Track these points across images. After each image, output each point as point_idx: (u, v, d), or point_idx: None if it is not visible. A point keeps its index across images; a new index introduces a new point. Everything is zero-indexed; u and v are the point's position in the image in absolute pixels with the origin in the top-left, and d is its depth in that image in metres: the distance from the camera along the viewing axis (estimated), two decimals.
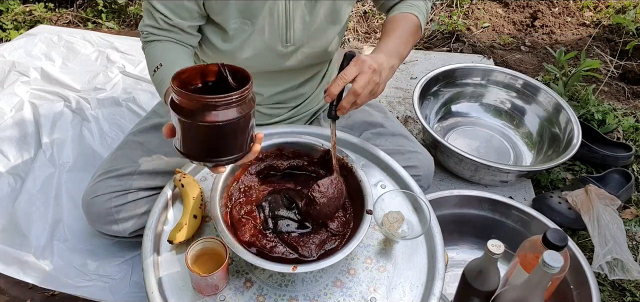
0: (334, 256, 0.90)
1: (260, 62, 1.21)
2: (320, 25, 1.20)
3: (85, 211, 1.28)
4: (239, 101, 0.80)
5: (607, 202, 1.53)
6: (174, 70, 1.08)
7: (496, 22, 2.74)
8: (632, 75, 2.36)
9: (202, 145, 0.82)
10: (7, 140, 1.72)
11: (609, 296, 1.41)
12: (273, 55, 1.21)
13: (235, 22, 1.14)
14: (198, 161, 0.85)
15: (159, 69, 1.11)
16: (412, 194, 1.11)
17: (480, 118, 1.98)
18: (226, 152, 0.83)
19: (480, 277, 1.06)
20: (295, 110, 1.37)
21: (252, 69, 1.21)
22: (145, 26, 1.17)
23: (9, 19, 2.57)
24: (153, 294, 0.92)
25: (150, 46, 1.17)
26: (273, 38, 1.18)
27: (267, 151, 1.10)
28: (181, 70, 0.86)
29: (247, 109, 0.82)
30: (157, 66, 1.11)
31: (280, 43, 1.19)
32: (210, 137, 0.81)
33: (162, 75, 1.09)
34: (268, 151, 1.10)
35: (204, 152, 0.83)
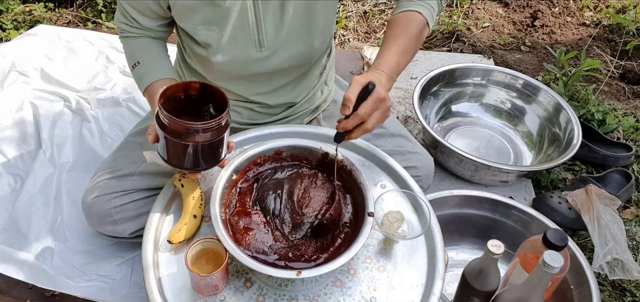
0: (336, 260, 0.90)
1: (238, 67, 1.20)
2: (294, 27, 1.16)
3: (85, 212, 1.28)
4: (217, 126, 0.94)
5: (607, 202, 1.53)
6: (151, 67, 1.18)
7: (496, 22, 2.74)
8: (632, 75, 2.36)
9: (183, 158, 0.98)
10: (7, 140, 1.72)
11: (609, 296, 1.41)
12: (249, 60, 1.19)
13: (201, 28, 1.14)
14: (179, 169, 1.02)
15: (137, 66, 1.19)
16: (412, 194, 1.11)
17: (480, 118, 1.98)
18: (204, 164, 1.00)
19: (480, 277, 1.06)
20: (290, 110, 1.36)
21: (231, 73, 1.21)
22: (120, 22, 1.24)
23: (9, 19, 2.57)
24: (153, 294, 0.92)
25: (126, 42, 1.24)
26: (246, 43, 1.15)
27: (265, 155, 1.10)
28: (167, 87, 0.98)
29: (224, 131, 0.96)
30: (135, 63, 1.20)
31: (253, 48, 1.16)
32: (190, 153, 0.96)
33: (140, 73, 1.19)
34: (266, 154, 1.10)
35: (184, 164, 0.99)
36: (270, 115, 1.34)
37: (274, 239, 0.99)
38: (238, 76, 1.23)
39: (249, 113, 1.33)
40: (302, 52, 1.22)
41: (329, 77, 1.44)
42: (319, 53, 1.28)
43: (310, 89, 1.36)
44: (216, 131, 0.95)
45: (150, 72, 1.17)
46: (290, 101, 1.33)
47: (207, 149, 0.97)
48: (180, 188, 1.08)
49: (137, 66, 1.19)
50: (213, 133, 0.95)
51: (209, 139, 0.94)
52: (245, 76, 1.24)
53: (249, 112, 1.33)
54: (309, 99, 1.37)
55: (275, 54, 1.19)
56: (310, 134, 1.22)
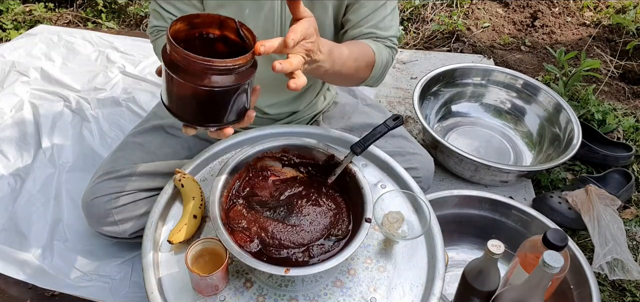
0: (329, 261, 0.90)
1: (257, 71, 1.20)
2: None
3: (85, 212, 1.28)
4: (239, 68, 0.74)
5: (607, 202, 1.53)
6: None
7: (496, 22, 2.74)
8: (632, 75, 2.36)
9: (192, 108, 0.77)
10: (7, 140, 1.73)
11: (609, 296, 1.41)
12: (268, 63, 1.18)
13: None
14: (185, 122, 0.81)
15: None
16: (412, 194, 1.11)
17: (480, 118, 1.98)
18: (217, 118, 0.79)
19: (480, 277, 1.06)
20: (293, 116, 1.38)
21: None
22: (153, 27, 1.20)
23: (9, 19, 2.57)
24: (153, 294, 0.92)
25: (159, 40, 1.19)
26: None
27: (271, 152, 1.10)
28: (179, 17, 0.79)
29: (247, 77, 0.76)
30: None
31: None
32: (203, 101, 0.76)
33: None
34: (272, 152, 1.10)
35: (193, 116, 0.79)
36: (273, 121, 1.35)
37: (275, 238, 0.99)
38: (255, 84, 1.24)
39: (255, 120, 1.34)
40: None
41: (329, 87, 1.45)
42: None
43: (313, 98, 1.38)
44: (242, 74, 0.75)
45: None
46: (293, 110, 1.36)
47: (228, 97, 0.77)
48: (180, 188, 1.08)
49: None
50: (237, 76, 0.75)
51: (228, 84, 0.75)
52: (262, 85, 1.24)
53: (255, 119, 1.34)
54: (311, 105, 1.39)
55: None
56: (315, 135, 1.22)
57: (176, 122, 1.38)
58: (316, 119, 1.44)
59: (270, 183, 1.08)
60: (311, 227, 1.00)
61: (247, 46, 0.82)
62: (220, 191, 0.99)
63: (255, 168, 1.09)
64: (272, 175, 1.10)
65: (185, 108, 0.79)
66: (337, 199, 1.06)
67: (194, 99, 0.76)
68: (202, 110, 0.78)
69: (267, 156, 1.10)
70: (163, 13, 1.17)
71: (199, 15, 0.80)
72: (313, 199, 1.05)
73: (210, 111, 0.78)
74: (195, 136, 1.39)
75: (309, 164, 1.11)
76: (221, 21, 0.83)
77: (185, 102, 0.78)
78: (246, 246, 0.96)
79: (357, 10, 1.17)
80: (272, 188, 1.07)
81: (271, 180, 1.09)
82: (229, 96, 0.78)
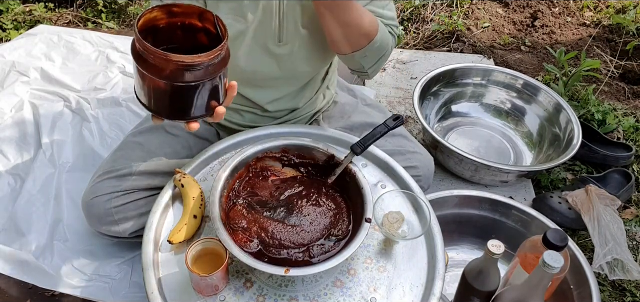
0: (329, 261, 0.90)
1: (255, 63, 1.20)
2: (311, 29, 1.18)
3: (85, 212, 1.28)
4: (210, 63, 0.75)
5: (607, 202, 1.53)
6: None
7: (496, 22, 2.74)
8: (632, 75, 2.36)
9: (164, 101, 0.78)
10: (7, 140, 1.72)
11: (609, 296, 1.41)
12: (267, 56, 1.19)
13: (228, 17, 1.13)
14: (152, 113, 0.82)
15: None
16: (412, 194, 1.11)
17: (480, 118, 1.98)
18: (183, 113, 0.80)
19: (480, 277, 1.06)
20: (293, 113, 1.37)
21: (247, 73, 1.21)
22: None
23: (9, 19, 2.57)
24: (153, 294, 0.92)
25: None
26: (267, 35, 1.16)
27: (271, 152, 1.10)
28: (148, 9, 0.78)
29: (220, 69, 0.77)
30: None
31: (273, 41, 1.17)
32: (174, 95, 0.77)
33: None
34: (272, 152, 1.10)
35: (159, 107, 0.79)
36: (273, 118, 1.35)
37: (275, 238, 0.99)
38: (253, 80, 1.24)
39: (252, 117, 1.34)
40: (313, 58, 1.23)
41: (331, 82, 1.45)
42: (326, 65, 1.31)
43: (312, 95, 1.38)
44: (210, 69, 0.76)
45: None
46: (293, 107, 1.35)
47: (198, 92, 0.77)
48: (180, 188, 1.08)
49: None
50: (205, 71, 0.75)
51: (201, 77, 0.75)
52: (260, 80, 1.25)
53: (252, 115, 1.33)
54: (310, 103, 1.38)
55: (291, 54, 1.19)
56: (315, 135, 1.22)
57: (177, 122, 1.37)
58: (316, 118, 1.44)
59: (270, 183, 1.08)
60: (311, 227, 1.00)
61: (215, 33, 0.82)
62: (220, 191, 1.00)
63: (255, 168, 1.09)
64: (272, 175, 1.10)
65: (152, 100, 0.79)
66: (337, 199, 1.06)
67: (159, 91, 0.77)
68: (167, 103, 0.79)
69: (267, 156, 1.10)
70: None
71: (179, 5, 0.80)
72: (313, 199, 1.05)
73: (176, 105, 0.79)
74: (195, 136, 1.39)
75: (309, 164, 1.11)
76: (201, 13, 0.83)
77: (152, 94, 0.78)
78: (246, 246, 0.96)
79: None
80: (272, 188, 1.07)
81: (271, 180, 1.09)
82: (192, 92, 0.78)
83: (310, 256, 0.96)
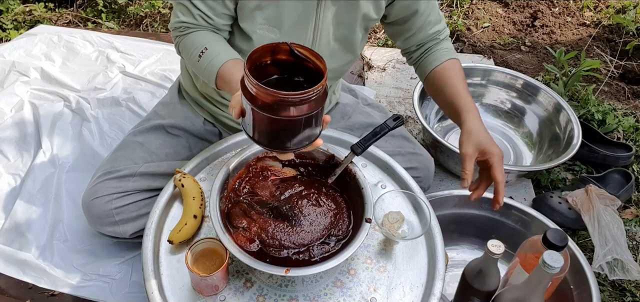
0: (329, 261, 0.90)
1: None
2: (340, 43, 1.22)
3: (85, 212, 1.27)
4: (316, 95, 0.79)
5: (607, 202, 1.53)
6: (221, 49, 1.08)
7: (496, 22, 2.74)
8: (632, 75, 2.36)
9: (274, 135, 0.84)
10: (7, 140, 1.72)
11: (609, 296, 1.41)
12: None
13: (261, 28, 1.14)
14: (266, 147, 0.87)
15: (205, 52, 1.10)
16: (412, 194, 1.11)
17: None
18: (295, 143, 0.85)
19: (480, 277, 1.06)
20: None
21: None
22: (180, 22, 1.15)
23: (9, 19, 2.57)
24: (153, 294, 0.92)
25: (189, 36, 1.15)
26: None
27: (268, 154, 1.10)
28: (253, 51, 0.83)
29: (320, 103, 0.82)
30: (203, 50, 1.10)
31: None
32: (284, 129, 0.82)
33: (210, 56, 1.09)
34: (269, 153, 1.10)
35: (276, 142, 0.85)
36: None
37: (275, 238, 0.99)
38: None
39: None
40: (337, 68, 1.27)
41: (337, 87, 1.46)
42: (346, 71, 1.35)
43: None
44: (314, 103, 0.80)
45: (221, 52, 1.09)
46: None
47: (302, 125, 0.82)
48: (180, 188, 1.08)
49: (205, 52, 1.10)
50: (310, 105, 0.79)
51: (306, 112, 0.79)
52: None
53: None
54: None
55: None
56: None
57: (177, 122, 1.37)
58: None
59: (270, 183, 1.08)
60: (311, 228, 1.00)
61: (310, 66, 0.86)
62: (220, 191, 0.99)
63: (255, 168, 1.09)
64: (272, 175, 1.10)
65: (281, 139, 0.85)
66: (338, 199, 1.06)
67: (289, 128, 0.83)
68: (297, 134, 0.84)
69: (267, 156, 1.10)
70: (193, 10, 1.13)
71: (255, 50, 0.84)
72: (313, 199, 1.05)
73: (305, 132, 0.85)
74: (196, 136, 1.39)
75: (309, 164, 1.11)
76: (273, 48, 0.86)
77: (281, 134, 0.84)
78: (246, 246, 0.96)
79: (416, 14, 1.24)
80: (272, 188, 1.07)
81: (271, 180, 1.09)
82: (305, 123, 0.83)
83: (311, 256, 0.96)
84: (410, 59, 1.35)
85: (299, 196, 1.05)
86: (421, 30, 1.27)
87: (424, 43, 1.30)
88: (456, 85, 1.24)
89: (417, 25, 1.27)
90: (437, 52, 1.29)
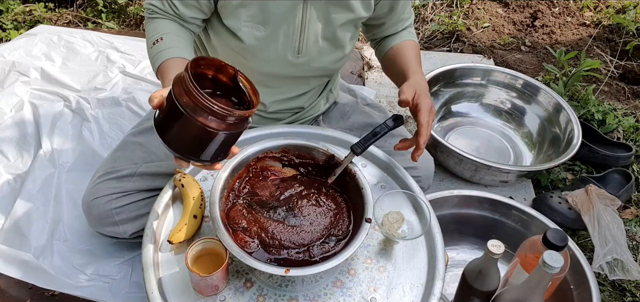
0: (329, 261, 0.90)
1: (269, 69, 1.22)
2: (327, 40, 1.21)
3: (85, 213, 1.27)
4: (236, 120, 0.81)
5: (607, 202, 1.53)
6: (174, 44, 1.09)
7: (496, 22, 2.74)
8: (632, 75, 2.36)
9: (190, 142, 0.83)
10: (7, 140, 1.72)
11: (609, 296, 1.41)
12: (283, 65, 1.21)
13: (246, 26, 1.14)
14: (170, 150, 0.85)
15: (159, 42, 1.10)
16: (412, 194, 1.11)
17: (480, 118, 1.98)
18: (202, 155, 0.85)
19: (480, 277, 1.06)
20: (297, 115, 1.38)
21: (260, 76, 1.21)
22: (150, 4, 1.15)
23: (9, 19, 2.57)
24: (153, 295, 0.92)
25: (154, 21, 1.15)
26: (285, 47, 1.18)
27: (271, 152, 1.10)
28: (199, 57, 0.84)
29: (238, 129, 0.84)
30: (158, 39, 1.10)
31: (291, 53, 1.19)
32: (203, 138, 0.82)
33: (161, 48, 1.09)
34: (272, 152, 1.10)
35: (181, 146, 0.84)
36: (276, 120, 1.35)
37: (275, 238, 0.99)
38: (264, 80, 1.24)
39: (256, 117, 1.34)
40: (327, 66, 1.27)
41: (334, 85, 1.46)
42: (338, 69, 1.36)
43: (316, 98, 1.40)
44: (234, 125, 0.82)
45: (171, 47, 1.09)
46: (297, 109, 1.36)
47: (221, 141, 0.84)
48: (180, 188, 1.08)
49: (158, 42, 1.10)
50: (236, 126, 0.82)
51: (223, 129, 0.81)
52: (270, 81, 1.26)
53: (256, 116, 1.34)
54: (314, 106, 1.39)
55: (308, 64, 1.22)
56: (316, 135, 1.22)
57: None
58: (317, 119, 1.44)
59: (270, 183, 1.08)
60: (311, 228, 1.00)
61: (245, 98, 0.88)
62: (220, 191, 0.99)
63: (255, 168, 1.09)
64: (272, 175, 1.10)
65: (183, 143, 0.84)
66: (338, 199, 1.06)
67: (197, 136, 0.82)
68: (200, 147, 0.84)
69: (267, 156, 1.10)
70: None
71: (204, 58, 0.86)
72: (313, 199, 1.05)
73: (209, 149, 0.85)
74: None
75: (309, 164, 1.11)
76: (220, 66, 0.87)
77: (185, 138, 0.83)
78: (246, 246, 0.96)
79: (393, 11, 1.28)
80: (272, 188, 1.07)
81: (271, 180, 1.09)
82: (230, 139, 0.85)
83: (311, 256, 0.96)
84: (373, 42, 1.41)
85: (299, 196, 1.05)
86: (393, 26, 1.33)
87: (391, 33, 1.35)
88: (409, 55, 1.28)
89: (391, 22, 1.32)
90: (399, 34, 1.34)
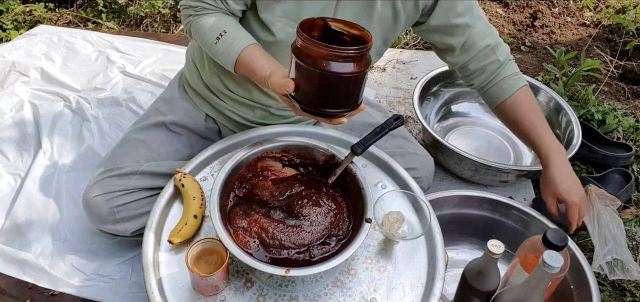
0: (329, 261, 0.90)
1: None
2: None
3: (86, 210, 1.27)
4: (363, 55, 0.88)
5: (607, 202, 1.53)
6: (241, 33, 1.10)
7: (496, 22, 2.74)
8: (632, 75, 2.36)
9: (328, 95, 0.91)
10: (7, 140, 1.72)
11: (609, 296, 1.41)
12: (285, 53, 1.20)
13: (280, 21, 1.13)
14: (313, 112, 0.94)
15: (224, 35, 1.09)
16: (412, 194, 1.11)
17: (480, 118, 1.98)
18: (342, 104, 0.93)
19: (480, 277, 1.06)
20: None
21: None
22: (195, 1, 1.13)
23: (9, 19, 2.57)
24: (153, 294, 0.92)
25: (204, 17, 1.13)
26: None
27: (271, 152, 1.10)
28: (305, 20, 0.91)
29: (367, 65, 0.90)
30: (221, 33, 1.09)
31: None
32: (338, 87, 0.90)
33: (229, 40, 1.09)
34: (272, 152, 1.10)
35: (322, 102, 0.92)
36: (282, 117, 1.35)
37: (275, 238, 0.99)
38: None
39: (263, 113, 1.33)
40: None
41: None
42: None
43: None
44: (364, 62, 0.89)
45: (240, 36, 1.09)
46: None
47: (353, 83, 0.91)
48: (181, 188, 1.08)
49: (223, 35, 1.09)
50: (367, 61, 0.89)
51: (358, 69, 0.88)
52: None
53: (262, 112, 1.33)
54: None
55: None
56: (317, 136, 1.22)
57: (178, 119, 1.37)
58: None
59: (270, 183, 1.08)
60: (311, 228, 1.00)
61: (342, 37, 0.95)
62: (221, 191, 0.99)
63: (255, 168, 1.09)
64: (272, 175, 1.10)
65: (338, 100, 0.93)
66: (338, 199, 1.06)
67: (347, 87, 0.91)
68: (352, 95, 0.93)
69: (267, 156, 1.10)
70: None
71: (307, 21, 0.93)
72: (313, 199, 1.05)
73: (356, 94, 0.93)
74: (197, 135, 1.38)
75: (309, 164, 1.11)
76: (311, 24, 0.95)
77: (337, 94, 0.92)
78: (246, 246, 0.96)
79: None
80: (272, 188, 1.07)
81: (271, 180, 1.09)
82: (366, 76, 0.93)
83: (311, 256, 0.96)
84: (472, 85, 1.36)
85: (299, 196, 1.05)
86: (472, 46, 1.27)
87: (483, 67, 1.30)
88: (533, 120, 1.27)
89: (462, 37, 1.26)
90: (505, 80, 1.29)
